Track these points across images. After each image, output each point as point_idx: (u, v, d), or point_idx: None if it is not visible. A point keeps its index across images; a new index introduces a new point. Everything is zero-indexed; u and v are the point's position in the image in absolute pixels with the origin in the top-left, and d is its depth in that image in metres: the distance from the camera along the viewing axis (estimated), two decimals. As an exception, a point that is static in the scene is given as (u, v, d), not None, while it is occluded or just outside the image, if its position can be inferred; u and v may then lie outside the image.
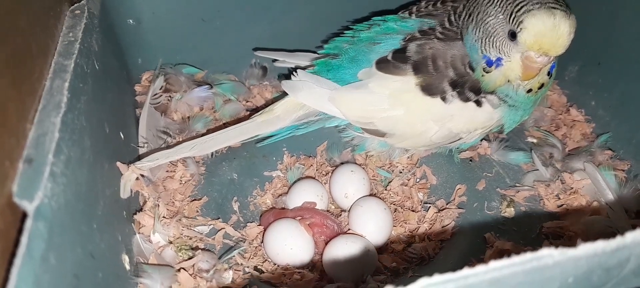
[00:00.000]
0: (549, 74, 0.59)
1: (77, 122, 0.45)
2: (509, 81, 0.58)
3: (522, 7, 0.53)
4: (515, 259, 0.30)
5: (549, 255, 0.30)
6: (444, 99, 0.60)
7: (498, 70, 0.57)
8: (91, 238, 0.42)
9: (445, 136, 0.63)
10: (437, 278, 0.30)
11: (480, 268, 0.30)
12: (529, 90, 0.59)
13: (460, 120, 0.61)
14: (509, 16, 0.54)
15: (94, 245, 0.42)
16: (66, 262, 0.36)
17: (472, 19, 0.58)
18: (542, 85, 0.59)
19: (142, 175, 0.59)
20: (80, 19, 0.57)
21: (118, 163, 0.56)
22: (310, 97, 0.64)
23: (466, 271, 0.30)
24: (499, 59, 0.56)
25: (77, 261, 0.38)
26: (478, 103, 0.60)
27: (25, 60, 0.44)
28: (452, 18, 0.62)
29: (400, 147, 0.67)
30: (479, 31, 0.57)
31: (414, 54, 0.61)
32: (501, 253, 0.55)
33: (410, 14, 0.67)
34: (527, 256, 0.30)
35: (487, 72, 0.58)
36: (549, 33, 0.52)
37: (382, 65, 0.63)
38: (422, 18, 0.65)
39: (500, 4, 0.55)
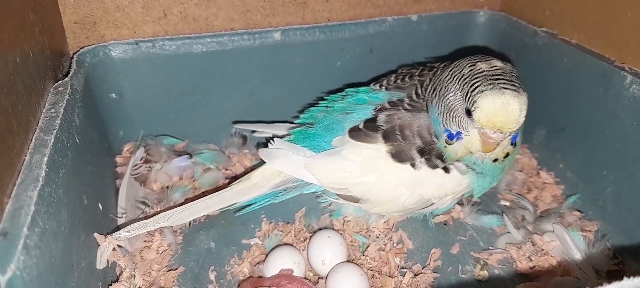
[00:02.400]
0: (512, 143, 0.61)
1: (54, 195, 0.46)
2: (471, 152, 0.61)
3: (476, 88, 0.56)
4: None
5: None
6: (413, 165, 0.63)
7: (459, 143, 0.60)
8: (63, 311, 0.42)
9: (417, 201, 0.65)
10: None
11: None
12: (495, 160, 0.61)
13: (430, 186, 0.63)
14: (465, 95, 0.57)
15: (65, 318, 0.42)
16: (36, 336, 0.36)
17: (436, 94, 0.61)
18: (507, 154, 0.62)
19: (119, 246, 0.59)
20: (63, 95, 0.59)
21: (95, 235, 0.57)
22: (286, 164, 0.66)
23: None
24: (459, 133, 0.59)
25: (47, 334, 0.38)
26: (446, 169, 0.63)
27: (5, 137, 0.45)
28: (419, 91, 0.66)
29: (374, 213, 0.68)
30: (441, 105, 0.60)
31: (384, 123, 0.64)
32: (476, 317, 0.56)
33: (380, 86, 0.71)
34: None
35: (449, 144, 0.61)
36: (499, 112, 0.55)
37: (354, 133, 0.65)
38: (391, 90, 0.69)
39: (458, 82, 0.58)
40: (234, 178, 0.76)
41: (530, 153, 0.81)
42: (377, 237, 0.70)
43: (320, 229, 0.70)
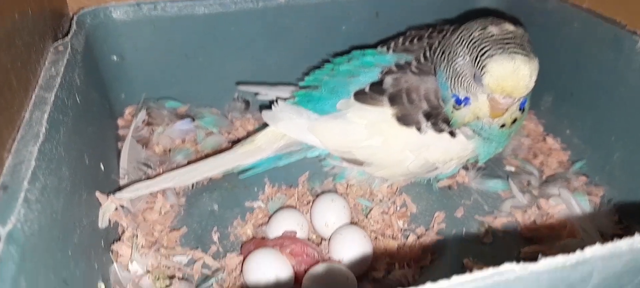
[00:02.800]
0: (521, 109, 0.60)
1: (55, 152, 0.46)
2: (478, 118, 0.60)
3: (485, 52, 0.55)
4: (478, 274, 0.31)
5: (510, 270, 0.31)
6: (419, 129, 0.62)
7: (466, 108, 0.59)
8: (65, 264, 0.42)
9: (422, 166, 0.64)
10: (401, 292, 0.30)
11: (443, 283, 0.30)
12: (502, 125, 0.60)
13: (436, 150, 0.63)
14: (474, 60, 0.56)
15: (68, 272, 0.42)
16: (38, 287, 0.36)
17: (444, 58, 0.60)
18: (515, 120, 0.61)
19: (122, 206, 0.59)
20: (63, 55, 0.58)
21: (97, 194, 0.56)
22: (290, 127, 0.66)
23: (428, 285, 0.30)
24: (467, 99, 0.58)
25: (49, 287, 0.38)
26: (452, 134, 0.62)
27: (4, 93, 0.45)
28: (427, 54, 0.64)
29: (378, 176, 0.67)
30: (449, 70, 0.59)
31: (390, 86, 0.63)
32: (479, 279, 0.55)
33: (387, 49, 0.69)
34: (489, 271, 0.31)
35: (456, 110, 0.60)
36: (509, 77, 0.53)
37: (360, 96, 0.64)
38: (399, 53, 0.67)
39: (467, 46, 0.57)
40: (236, 143, 0.75)
41: (536, 119, 0.80)
42: (381, 201, 0.69)
43: (323, 193, 0.70)
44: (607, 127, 0.67)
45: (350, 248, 0.61)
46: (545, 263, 0.31)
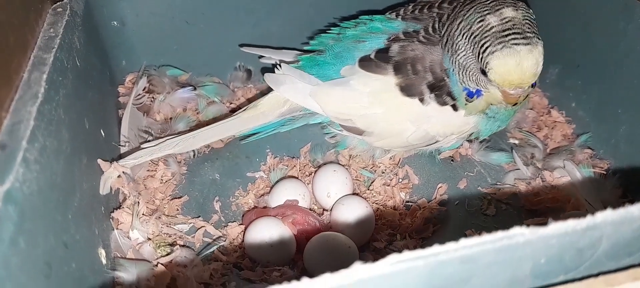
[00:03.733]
0: (533, 86, 0.58)
1: (54, 113, 0.45)
2: (492, 105, 0.59)
3: (486, 48, 0.53)
4: (487, 237, 0.30)
5: (520, 233, 0.30)
6: (421, 100, 0.61)
7: (479, 99, 0.59)
8: (65, 228, 0.42)
9: (422, 138, 0.63)
10: (408, 254, 0.30)
11: (451, 246, 0.30)
12: (514, 104, 0.59)
13: (437, 123, 0.62)
14: (477, 55, 0.54)
15: (68, 236, 0.42)
16: (37, 248, 0.36)
17: (448, 47, 0.58)
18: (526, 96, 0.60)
19: (124, 173, 0.58)
20: (62, 16, 0.57)
21: (99, 161, 0.56)
22: (292, 91, 0.65)
23: (436, 248, 0.30)
24: (478, 91, 0.58)
25: (49, 249, 0.38)
26: (454, 107, 0.61)
27: (1, 52, 0.44)
28: (436, 25, 0.62)
29: (378, 146, 0.67)
30: (455, 63, 0.58)
31: (396, 54, 0.62)
32: (482, 250, 0.55)
33: (397, 15, 0.68)
34: (498, 234, 0.30)
35: (469, 102, 0.59)
36: (514, 71, 0.52)
37: (365, 63, 0.63)
38: (407, 21, 0.66)
39: (468, 40, 0.56)
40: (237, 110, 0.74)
41: (541, 91, 0.79)
42: (383, 172, 0.69)
43: (325, 164, 0.70)
44: (614, 100, 0.66)
45: (351, 218, 0.61)
46: (555, 227, 0.31)
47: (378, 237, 0.62)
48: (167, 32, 0.76)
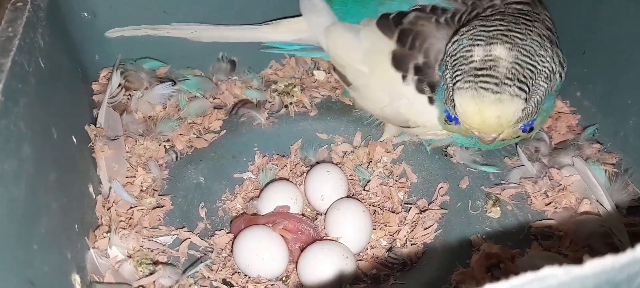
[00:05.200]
0: (526, 131, 0.54)
1: (13, 128, 0.40)
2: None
3: (457, 81, 0.49)
4: (515, 281, 0.26)
5: (552, 275, 0.26)
6: (404, 77, 0.59)
7: (458, 126, 0.54)
8: (30, 262, 0.37)
9: (395, 115, 0.61)
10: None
11: (475, 294, 0.26)
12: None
13: (410, 107, 0.60)
14: (451, 83, 0.50)
15: (33, 270, 0.37)
16: (-5, 295, 0.31)
17: (444, 62, 0.54)
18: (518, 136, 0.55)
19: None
20: (22, 12, 0.51)
21: (86, 127, 0.54)
22: (313, 21, 0.67)
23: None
24: (456, 118, 0.52)
25: (10, 291, 0.33)
26: (431, 100, 0.58)
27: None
28: (463, 16, 0.57)
29: (359, 105, 0.66)
30: (443, 79, 0.54)
31: (408, 22, 0.59)
32: (488, 257, 0.52)
33: None
34: (528, 276, 0.26)
35: (448, 124, 0.55)
36: (474, 116, 0.48)
37: (382, 21, 0.61)
38: None
39: (450, 63, 0.51)
40: (221, 108, 0.70)
41: (543, 80, 0.75)
42: (380, 173, 0.64)
43: (318, 163, 0.65)
44: (623, 89, 0.62)
45: (348, 223, 0.58)
46: (592, 266, 0.27)
47: (376, 243, 0.59)
48: (143, 23, 0.70)
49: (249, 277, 0.54)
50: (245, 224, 0.57)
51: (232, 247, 0.56)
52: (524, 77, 0.47)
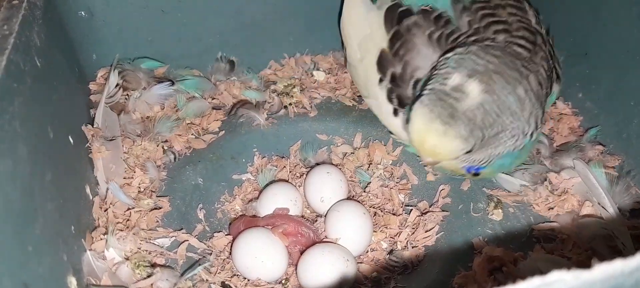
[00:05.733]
0: (471, 172, 0.54)
1: (8, 128, 0.39)
2: None
3: (424, 91, 0.48)
4: (521, 286, 0.26)
5: (560, 279, 0.26)
6: (381, 80, 0.58)
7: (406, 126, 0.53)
8: (25, 264, 0.36)
9: (373, 109, 0.64)
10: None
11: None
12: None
13: (378, 109, 0.61)
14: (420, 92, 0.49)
15: (29, 273, 0.36)
16: (-12, 298, 0.30)
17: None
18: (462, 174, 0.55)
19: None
20: (17, 10, 0.50)
21: (83, 128, 0.52)
22: None
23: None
24: None
25: (4, 295, 0.32)
26: (395, 112, 0.59)
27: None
28: (460, 38, 0.54)
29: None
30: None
31: (405, 26, 0.56)
32: (490, 260, 0.51)
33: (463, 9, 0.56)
34: (535, 281, 0.26)
35: (406, 127, 0.54)
36: (416, 134, 0.47)
37: (390, 12, 0.58)
38: (468, 12, 0.55)
39: (431, 74, 0.51)
40: (220, 109, 0.69)
41: (544, 81, 0.74)
42: (380, 175, 0.64)
43: (317, 164, 0.65)
44: (626, 91, 0.61)
45: (348, 226, 0.57)
46: (601, 270, 0.26)
47: (377, 245, 0.58)
48: (141, 22, 0.69)
49: (248, 280, 0.53)
50: (244, 226, 0.56)
51: (231, 250, 0.55)
52: (482, 125, 0.45)
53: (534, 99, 0.48)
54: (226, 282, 0.52)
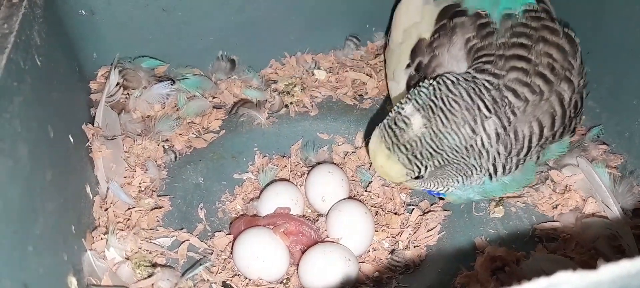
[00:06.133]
0: (434, 195, 0.57)
1: (8, 127, 0.39)
2: None
3: (388, 115, 0.50)
4: (527, 286, 0.25)
5: (566, 280, 0.25)
6: (408, 66, 0.59)
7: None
8: (25, 264, 0.36)
9: (389, 89, 0.65)
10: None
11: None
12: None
13: (394, 92, 0.62)
14: None
15: (28, 273, 0.36)
16: (-12, 300, 0.30)
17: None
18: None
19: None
20: (17, 8, 0.50)
21: (83, 127, 0.52)
22: None
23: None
24: None
25: (4, 295, 0.32)
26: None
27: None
28: (482, 57, 0.53)
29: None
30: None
31: (451, 23, 0.56)
32: (493, 260, 0.51)
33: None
34: (542, 282, 0.25)
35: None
36: (370, 152, 0.51)
37: (446, 10, 0.58)
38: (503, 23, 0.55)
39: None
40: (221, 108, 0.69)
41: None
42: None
43: (319, 163, 0.64)
44: (628, 89, 0.61)
45: (350, 225, 0.57)
46: (607, 271, 0.26)
47: (378, 245, 0.58)
48: (142, 21, 0.69)
49: (249, 280, 0.53)
50: (245, 226, 0.56)
51: (231, 249, 0.55)
52: (421, 156, 0.48)
53: (493, 142, 0.48)
54: (227, 282, 0.52)
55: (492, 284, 0.48)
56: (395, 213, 0.60)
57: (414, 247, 0.56)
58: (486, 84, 0.49)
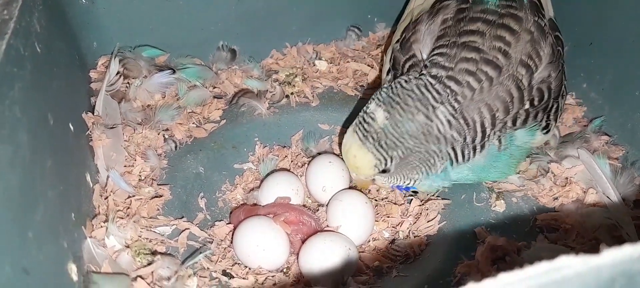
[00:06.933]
0: (413, 191, 0.57)
1: (8, 114, 0.38)
2: None
3: (367, 106, 0.52)
4: (530, 270, 0.25)
5: (567, 265, 0.25)
6: (402, 37, 0.60)
7: None
8: (25, 250, 0.36)
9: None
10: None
11: (489, 283, 0.25)
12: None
13: (387, 57, 0.62)
14: None
15: (29, 259, 0.36)
16: (-12, 283, 0.30)
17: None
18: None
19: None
20: (17, -5, 0.49)
21: (83, 115, 0.51)
22: None
23: (471, 285, 0.25)
24: None
25: (5, 281, 0.32)
26: (388, 72, 0.60)
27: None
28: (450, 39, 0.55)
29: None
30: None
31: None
32: (494, 249, 0.51)
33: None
34: (543, 266, 0.25)
35: None
36: (344, 150, 0.54)
37: None
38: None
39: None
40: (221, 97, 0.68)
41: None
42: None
43: (319, 154, 0.64)
44: (631, 81, 0.61)
45: (350, 215, 0.57)
46: (609, 255, 0.26)
47: (379, 234, 0.58)
48: (143, 9, 0.69)
49: (249, 269, 0.53)
50: (245, 215, 0.56)
51: (232, 238, 0.55)
52: (386, 145, 0.51)
53: (447, 129, 0.50)
54: (227, 270, 0.52)
55: (493, 273, 0.48)
56: (395, 204, 0.60)
57: (414, 236, 0.56)
58: (431, 79, 0.52)
